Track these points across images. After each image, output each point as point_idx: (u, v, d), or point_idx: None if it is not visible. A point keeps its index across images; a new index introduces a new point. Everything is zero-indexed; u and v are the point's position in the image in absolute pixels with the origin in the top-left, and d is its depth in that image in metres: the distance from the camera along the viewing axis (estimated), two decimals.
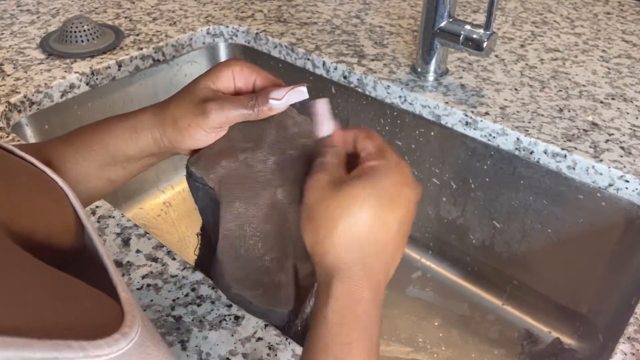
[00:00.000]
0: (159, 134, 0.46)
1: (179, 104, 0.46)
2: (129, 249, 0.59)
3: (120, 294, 0.30)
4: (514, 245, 0.86)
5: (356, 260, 0.38)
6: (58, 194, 0.37)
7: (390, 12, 1.10)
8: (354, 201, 0.38)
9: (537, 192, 0.79)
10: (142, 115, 0.47)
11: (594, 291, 0.82)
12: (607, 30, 1.04)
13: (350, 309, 0.38)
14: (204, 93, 0.46)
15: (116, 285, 0.30)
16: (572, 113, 0.80)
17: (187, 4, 1.12)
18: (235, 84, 0.47)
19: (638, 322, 0.55)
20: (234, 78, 0.47)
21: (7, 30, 0.99)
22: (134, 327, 0.27)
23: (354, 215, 0.38)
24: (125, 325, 0.27)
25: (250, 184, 0.47)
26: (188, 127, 0.45)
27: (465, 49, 0.80)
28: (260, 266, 0.48)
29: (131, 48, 0.94)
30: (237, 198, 0.46)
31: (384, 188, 0.39)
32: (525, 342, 0.85)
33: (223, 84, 0.47)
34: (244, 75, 0.47)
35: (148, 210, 1.04)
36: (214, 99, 0.45)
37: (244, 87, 0.48)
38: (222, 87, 0.47)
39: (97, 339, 0.25)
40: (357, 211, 0.38)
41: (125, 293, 0.30)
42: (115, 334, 0.26)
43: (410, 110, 0.86)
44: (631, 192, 0.70)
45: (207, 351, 0.49)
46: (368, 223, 0.38)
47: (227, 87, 0.47)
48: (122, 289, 0.30)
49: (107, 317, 0.28)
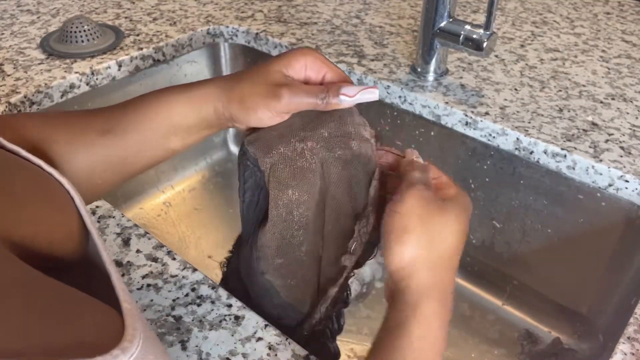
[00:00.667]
0: (222, 108, 0.47)
1: (251, 83, 0.47)
2: (129, 249, 0.59)
3: (123, 304, 0.29)
4: (514, 245, 0.86)
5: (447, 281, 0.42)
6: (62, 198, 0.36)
7: (390, 12, 1.10)
8: (453, 224, 0.43)
9: (537, 192, 0.79)
10: (206, 88, 0.48)
11: (594, 291, 0.82)
12: (607, 30, 1.04)
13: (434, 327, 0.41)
14: (277, 77, 0.46)
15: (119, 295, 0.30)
16: (572, 113, 0.80)
17: (187, 4, 1.12)
18: (306, 72, 0.48)
19: (638, 322, 0.55)
20: (306, 67, 0.48)
21: (7, 30, 0.99)
22: (134, 342, 0.27)
23: (450, 236, 0.43)
24: (126, 339, 0.27)
25: (301, 173, 0.47)
26: (256, 107, 0.46)
27: (465, 49, 0.80)
28: (297, 256, 0.49)
29: (131, 48, 0.95)
30: (289, 185, 0.47)
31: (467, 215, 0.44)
32: (525, 342, 0.85)
33: (295, 71, 0.47)
34: (316, 66, 0.48)
35: (148, 210, 1.04)
36: (287, 84, 0.46)
37: (314, 77, 0.48)
38: (294, 74, 0.47)
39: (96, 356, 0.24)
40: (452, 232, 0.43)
41: (127, 304, 0.30)
42: (115, 350, 0.26)
43: (410, 110, 0.86)
44: (631, 192, 0.70)
45: (207, 351, 0.49)
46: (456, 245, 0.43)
47: (298, 74, 0.48)
48: (124, 299, 0.30)
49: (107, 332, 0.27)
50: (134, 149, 0.48)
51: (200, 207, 1.07)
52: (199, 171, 1.12)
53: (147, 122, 0.48)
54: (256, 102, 0.46)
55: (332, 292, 0.49)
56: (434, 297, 0.41)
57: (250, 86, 0.47)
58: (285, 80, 0.46)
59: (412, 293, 0.41)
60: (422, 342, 0.40)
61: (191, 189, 1.08)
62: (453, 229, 0.43)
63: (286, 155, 0.47)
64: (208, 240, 1.00)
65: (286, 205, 0.47)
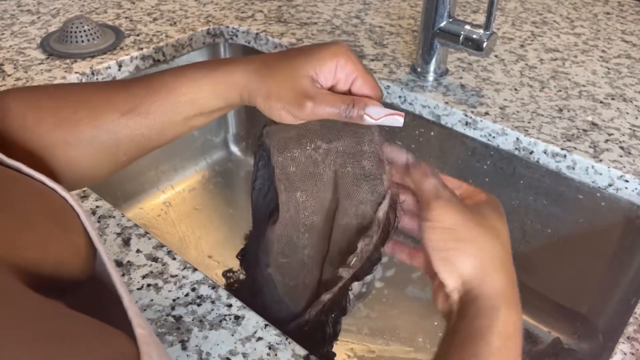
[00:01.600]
0: (247, 96, 0.47)
1: (278, 85, 0.46)
2: (129, 248, 0.59)
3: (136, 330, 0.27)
4: (514, 245, 0.85)
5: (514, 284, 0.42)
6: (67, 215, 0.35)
7: (390, 12, 1.10)
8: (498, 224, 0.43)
9: (537, 192, 0.79)
10: (233, 75, 0.48)
11: (594, 291, 0.82)
12: (606, 30, 1.04)
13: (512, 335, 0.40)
14: (304, 83, 0.46)
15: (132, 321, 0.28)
16: (572, 113, 0.80)
17: (187, 4, 1.12)
18: (336, 75, 0.47)
19: (638, 322, 0.55)
20: (336, 69, 0.47)
21: (7, 31, 0.99)
22: None
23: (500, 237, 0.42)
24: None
25: (311, 179, 0.48)
26: (278, 108, 0.46)
27: (465, 49, 0.80)
28: (300, 258, 0.49)
29: (131, 48, 0.95)
30: (298, 188, 0.48)
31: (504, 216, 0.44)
32: (525, 342, 0.86)
33: (324, 75, 0.47)
34: (347, 69, 0.47)
35: (148, 210, 1.04)
36: (312, 96, 0.45)
37: (343, 80, 0.47)
38: (323, 78, 0.47)
39: None
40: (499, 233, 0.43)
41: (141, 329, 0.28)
42: None
43: (410, 110, 0.86)
44: (631, 192, 0.70)
45: (207, 351, 0.49)
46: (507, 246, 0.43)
47: (327, 79, 0.47)
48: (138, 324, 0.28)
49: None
50: (158, 128, 0.48)
51: (200, 207, 1.07)
52: (199, 171, 1.12)
53: (171, 105, 0.48)
54: (280, 104, 0.46)
55: (325, 299, 0.49)
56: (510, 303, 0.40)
57: (276, 86, 0.46)
58: (312, 90, 0.46)
59: (488, 298, 0.40)
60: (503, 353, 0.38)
61: (191, 189, 1.08)
62: (500, 230, 0.43)
63: (300, 159, 0.48)
64: (208, 240, 1.00)
65: (295, 207, 0.48)
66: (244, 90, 0.47)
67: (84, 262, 0.34)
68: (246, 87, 0.47)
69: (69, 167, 0.46)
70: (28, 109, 0.45)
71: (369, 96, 0.47)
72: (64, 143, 0.45)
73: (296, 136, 0.48)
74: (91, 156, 0.47)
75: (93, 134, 0.46)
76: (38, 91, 0.48)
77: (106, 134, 0.46)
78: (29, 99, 0.46)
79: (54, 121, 0.45)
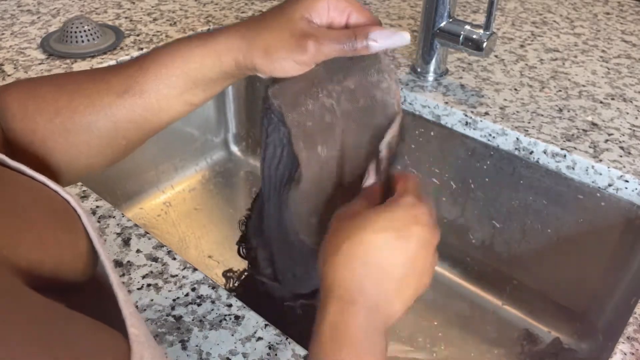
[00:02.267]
0: (243, 59, 0.45)
1: (274, 33, 0.45)
2: (129, 248, 0.59)
3: (129, 329, 0.28)
4: (514, 245, 0.86)
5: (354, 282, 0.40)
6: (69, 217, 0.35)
7: (390, 12, 1.10)
8: (364, 225, 0.41)
9: (537, 192, 0.79)
10: (225, 38, 0.46)
11: (594, 291, 0.82)
12: (606, 30, 1.04)
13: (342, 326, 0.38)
14: (301, 25, 0.44)
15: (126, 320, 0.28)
16: (572, 113, 0.80)
17: (187, 4, 1.12)
18: (330, 13, 0.45)
19: (638, 322, 0.55)
20: (329, 8, 0.45)
21: (7, 31, 0.99)
22: None
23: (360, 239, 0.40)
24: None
25: (329, 128, 0.46)
26: (280, 59, 0.44)
27: (465, 49, 0.80)
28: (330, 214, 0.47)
29: (131, 48, 0.95)
30: (317, 142, 0.46)
31: (393, 220, 0.41)
32: (525, 342, 0.86)
33: (318, 14, 0.45)
34: (340, 6, 0.45)
35: (148, 210, 1.04)
36: (313, 34, 0.44)
37: (338, 18, 0.46)
38: (316, 16, 0.45)
39: None
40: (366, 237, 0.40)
41: (135, 329, 0.28)
42: None
43: (410, 110, 0.86)
44: (631, 192, 0.70)
45: (207, 351, 0.49)
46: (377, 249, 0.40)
47: (322, 17, 0.45)
48: (131, 324, 0.28)
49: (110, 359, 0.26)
50: (155, 107, 0.47)
51: (200, 207, 1.07)
52: (199, 171, 1.12)
53: (165, 80, 0.46)
54: (281, 54, 0.44)
55: None
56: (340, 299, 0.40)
57: (273, 36, 0.44)
58: (310, 29, 0.44)
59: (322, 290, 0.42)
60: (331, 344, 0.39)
61: (191, 189, 1.08)
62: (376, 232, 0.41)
63: (314, 111, 0.46)
64: (208, 240, 1.00)
65: (318, 163, 0.46)
66: (238, 53, 0.45)
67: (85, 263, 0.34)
68: (240, 49, 0.45)
69: (70, 155, 0.46)
70: (29, 99, 0.45)
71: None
72: (64, 130, 0.45)
73: (305, 87, 0.46)
74: (91, 142, 0.46)
75: (90, 119, 0.46)
76: (38, 81, 0.48)
77: (104, 118, 0.46)
78: (30, 89, 0.46)
79: (53, 109, 0.45)
